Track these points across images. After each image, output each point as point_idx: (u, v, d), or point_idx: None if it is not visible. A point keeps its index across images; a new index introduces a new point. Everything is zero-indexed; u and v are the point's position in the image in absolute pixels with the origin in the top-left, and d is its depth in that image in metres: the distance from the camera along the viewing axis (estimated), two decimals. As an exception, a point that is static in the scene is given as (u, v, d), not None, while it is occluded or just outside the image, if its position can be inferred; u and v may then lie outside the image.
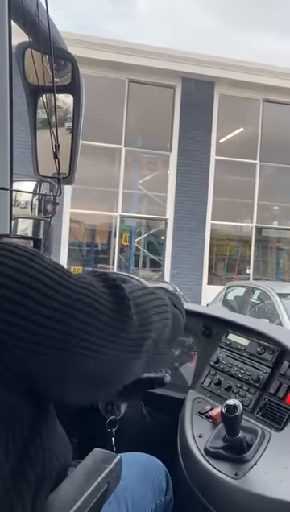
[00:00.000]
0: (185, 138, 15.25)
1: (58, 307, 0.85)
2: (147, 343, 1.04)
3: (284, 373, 1.61)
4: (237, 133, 16.13)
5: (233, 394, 1.69)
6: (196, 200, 15.38)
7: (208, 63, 14.63)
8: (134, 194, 15.84)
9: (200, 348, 1.97)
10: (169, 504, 1.47)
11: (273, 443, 1.41)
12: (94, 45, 13.94)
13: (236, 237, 17.01)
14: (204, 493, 1.38)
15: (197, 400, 1.74)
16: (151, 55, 14.29)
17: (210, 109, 15.43)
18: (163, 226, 15.63)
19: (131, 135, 15.32)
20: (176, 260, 15.34)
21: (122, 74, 14.82)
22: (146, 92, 15.17)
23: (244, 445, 1.38)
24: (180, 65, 14.56)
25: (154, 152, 15.82)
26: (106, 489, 1.06)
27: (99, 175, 15.68)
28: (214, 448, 1.41)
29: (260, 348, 1.73)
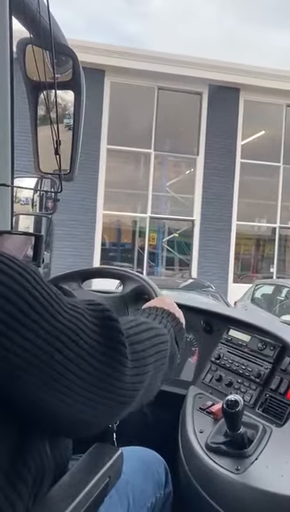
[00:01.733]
0: (212, 142, 15.19)
1: (41, 333, 0.76)
2: (140, 393, 0.94)
3: (285, 368, 1.56)
4: (261, 137, 16.01)
5: (234, 389, 1.63)
6: (222, 201, 15.31)
7: (233, 70, 14.60)
8: (162, 196, 15.78)
9: (202, 344, 1.90)
10: (169, 497, 1.42)
11: (274, 439, 1.36)
12: (125, 55, 14.02)
13: (260, 237, 16.88)
14: (205, 487, 1.33)
15: (198, 396, 1.68)
16: (179, 64, 14.27)
17: (235, 114, 15.35)
18: (191, 227, 15.54)
19: (160, 140, 15.29)
20: (203, 259, 15.27)
21: (151, 82, 14.79)
22: (174, 99, 15.14)
23: (245, 440, 1.32)
24: (207, 73, 14.50)
25: (182, 156, 15.78)
26: (107, 483, 1.02)
27: (130, 179, 15.77)
28: (215, 443, 1.36)
29: (261, 344, 1.67)
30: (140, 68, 14.13)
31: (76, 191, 13.88)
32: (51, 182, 1.73)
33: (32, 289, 0.76)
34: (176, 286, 10.02)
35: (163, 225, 15.93)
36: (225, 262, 15.49)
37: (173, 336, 1.14)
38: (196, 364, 1.87)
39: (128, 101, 14.84)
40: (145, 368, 0.94)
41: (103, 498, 1.03)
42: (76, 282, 1.68)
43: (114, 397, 0.87)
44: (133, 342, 0.91)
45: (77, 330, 0.81)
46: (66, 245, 13.83)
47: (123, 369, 0.86)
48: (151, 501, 1.31)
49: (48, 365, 0.76)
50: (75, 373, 0.79)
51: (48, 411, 0.81)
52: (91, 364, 0.81)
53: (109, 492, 1.07)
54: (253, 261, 16.75)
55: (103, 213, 14.86)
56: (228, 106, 15.13)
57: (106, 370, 0.84)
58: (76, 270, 1.70)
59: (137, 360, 0.91)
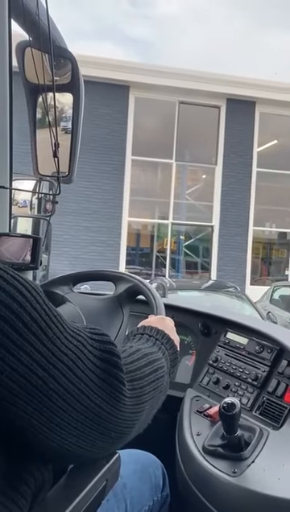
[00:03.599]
0: (229, 152, 15.14)
1: (36, 357, 0.67)
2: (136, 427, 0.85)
3: (283, 371, 1.46)
4: (275, 147, 15.92)
5: (231, 392, 1.54)
6: (240, 207, 15.24)
7: (249, 85, 14.59)
8: (183, 203, 15.71)
9: (199, 346, 1.79)
10: (166, 500, 1.34)
11: (271, 442, 1.28)
12: (149, 71, 14.03)
13: (275, 241, 16.66)
14: (202, 490, 1.24)
15: (196, 398, 1.58)
16: (198, 80, 14.27)
17: (252, 125, 15.29)
18: (210, 232, 15.44)
19: (181, 150, 15.26)
20: (222, 263, 15.19)
21: (173, 96, 14.77)
22: (194, 112, 15.11)
23: (242, 443, 1.24)
24: (225, 87, 14.51)
25: (201, 165, 15.72)
26: (105, 486, 0.97)
27: (152, 187, 15.76)
28: (212, 446, 1.27)
29: (259, 346, 1.57)
30: (163, 83, 14.15)
31: (104, 199, 13.93)
32: (49, 184, 1.62)
33: (31, 309, 0.68)
34: (198, 288, 9.87)
35: (184, 231, 15.84)
36: (243, 266, 15.40)
37: (169, 367, 1.04)
38: (194, 366, 1.76)
39: (151, 115, 14.89)
40: (142, 405, 0.86)
41: (100, 501, 0.97)
42: (68, 286, 1.57)
43: (109, 432, 0.79)
44: (132, 379, 0.83)
45: (76, 359, 0.73)
46: (93, 250, 13.89)
47: (120, 405, 0.79)
48: (149, 504, 1.24)
49: (42, 392, 0.68)
50: (69, 404, 0.71)
51: (38, 439, 0.72)
52: (88, 396, 0.73)
53: (106, 495, 1.00)
54: (269, 264, 16.55)
55: (128, 220, 14.81)
56: (244, 118, 15.13)
57: (103, 405, 0.76)
58: (67, 274, 1.59)
59: (135, 397, 0.83)
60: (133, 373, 0.84)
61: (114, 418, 0.78)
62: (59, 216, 13.48)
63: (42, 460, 0.81)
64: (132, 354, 0.89)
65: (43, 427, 0.70)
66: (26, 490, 0.76)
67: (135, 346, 0.95)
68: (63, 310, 1.42)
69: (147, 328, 1.10)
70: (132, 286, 1.50)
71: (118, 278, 1.55)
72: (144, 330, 1.10)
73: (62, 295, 1.52)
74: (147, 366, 0.90)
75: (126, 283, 1.52)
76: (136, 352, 0.91)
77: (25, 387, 0.66)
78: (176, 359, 1.11)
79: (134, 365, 0.86)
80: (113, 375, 0.77)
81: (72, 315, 1.40)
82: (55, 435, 0.72)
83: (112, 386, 0.77)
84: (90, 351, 0.76)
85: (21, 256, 1.54)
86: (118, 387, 0.78)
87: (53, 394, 0.69)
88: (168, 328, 1.15)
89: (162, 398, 0.99)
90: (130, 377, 0.83)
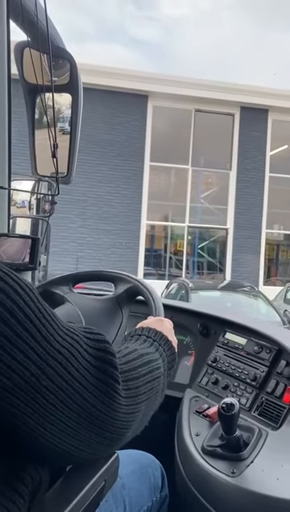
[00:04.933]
0: (243, 158, 15.07)
1: (30, 354, 0.64)
2: (132, 428, 0.80)
3: (281, 372, 1.40)
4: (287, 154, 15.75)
5: (230, 392, 1.48)
6: (253, 211, 15.15)
7: (262, 93, 14.54)
8: (199, 207, 15.65)
9: (198, 347, 1.71)
10: (165, 500, 1.29)
11: (270, 442, 1.22)
12: (166, 81, 14.02)
13: (285, 243, 16.49)
14: (201, 491, 1.19)
15: (195, 399, 1.52)
16: (213, 89, 14.25)
17: (265, 132, 15.21)
18: (225, 234, 15.34)
19: (197, 157, 15.22)
20: (236, 264, 15.12)
21: (189, 105, 14.73)
22: (209, 120, 15.05)
23: (241, 443, 1.19)
24: (239, 96, 14.47)
25: (216, 171, 15.62)
26: (103, 486, 0.93)
27: (169, 192, 15.74)
28: (211, 446, 1.21)
29: (257, 347, 1.51)
30: (179, 93, 14.14)
31: (123, 204, 13.94)
32: (48, 185, 1.54)
33: (25, 306, 0.65)
34: (215, 288, 9.92)
35: (200, 233, 15.75)
36: (256, 267, 15.30)
37: (166, 368, 0.98)
38: (193, 367, 1.68)
39: (168, 123, 14.86)
40: (138, 405, 0.81)
41: (99, 502, 0.93)
42: (68, 286, 1.49)
43: (104, 432, 0.74)
44: (127, 379, 0.79)
45: (70, 357, 0.69)
46: (113, 252, 13.91)
47: (115, 405, 0.74)
48: (148, 504, 1.19)
49: (34, 389, 0.65)
50: (63, 402, 0.68)
51: (32, 438, 0.68)
52: (81, 394, 0.69)
53: (105, 495, 0.96)
54: (282, 265, 16.35)
55: (146, 223, 14.77)
56: (258, 126, 15.06)
57: (97, 404, 0.71)
58: (67, 274, 1.52)
59: (130, 397, 0.78)
60: (128, 373, 0.79)
61: (109, 418, 0.73)
62: (80, 220, 13.52)
63: (38, 459, 0.76)
64: (128, 354, 0.85)
65: (37, 426, 0.66)
66: (24, 489, 0.72)
67: (132, 346, 0.91)
68: (62, 310, 1.37)
69: (144, 330, 1.05)
70: (132, 286, 1.43)
71: (118, 279, 1.48)
72: (142, 331, 1.04)
73: (62, 295, 1.45)
74: (142, 367, 0.85)
75: (126, 284, 1.45)
76: (132, 352, 0.87)
77: (18, 384, 0.63)
78: (173, 361, 1.05)
79: (129, 365, 0.81)
80: (108, 374, 0.73)
81: (71, 315, 1.34)
82: (49, 433, 0.68)
83: (107, 385, 0.72)
84: (85, 349, 0.72)
85: (20, 257, 1.47)
86: (112, 386, 0.73)
87: (46, 392, 0.65)
88: (167, 329, 1.09)
89: (159, 399, 0.93)
90: (125, 376, 0.78)
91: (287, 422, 1.28)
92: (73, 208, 13.50)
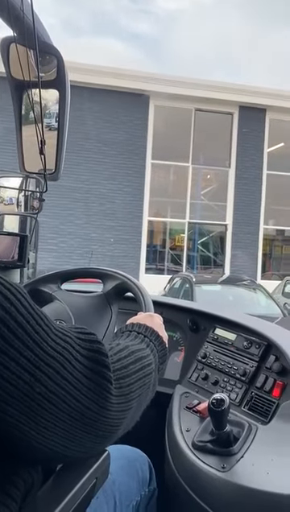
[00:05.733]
0: (242, 156, 15.02)
1: (22, 362, 0.61)
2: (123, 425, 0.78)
3: (270, 366, 1.37)
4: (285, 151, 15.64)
5: (220, 388, 1.44)
6: (252, 207, 15.10)
7: (260, 93, 14.47)
8: (199, 204, 15.60)
9: (188, 343, 1.67)
10: (153, 494, 1.26)
11: (260, 436, 1.19)
12: (168, 82, 13.94)
13: (284, 239, 16.42)
14: (191, 486, 1.15)
15: (185, 395, 1.47)
16: (213, 89, 14.18)
17: (262, 131, 15.13)
18: (224, 230, 15.27)
19: (197, 155, 15.15)
20: (234, 259, 15.10)
21: (189, 104, 14.66)
22: (209, 119, 14.98)
23: (231, 438, 1.16)
24: (237, 96, 14.40)
25: (216, 168, 15.56)
26: (94, 484, 0.91)
27: (170, 189, 15.69)
28: (202, 441, 1.18)
29: (247, 342, 1.47)
30: (180, 92, 14.08)
31: (126, 200, 13.91)
32: (36, 181, 1.48)
33: (17, 314, 0.62)
34: (215, 282, 9.93)
35: (200, 229, 15.69)
36: (254, 261, 15.24)
37: (157, 363, 0.95)
38: (183, 363, 1.64)
39: (169, 122, 14.79)
40: (129, 403, 0.79)
41: (90, 499, 0.91)
42: (56, 284, 1.44)
43: (96, 431, 0.73)
44: (120, 377, 0.76)
45: (63, 361, 0.66)
46: (117, 248, 13.89)
47: (107, 404, 0.72)
48: (137, 499, 1.17)
49: (28, 396, 0.62)
50: (56, 406, 0.65)
51: (25, 442, 0.66)
52: (74, 397, 0.67)
53: (96, 493, 0.94)
54: (279, 260, 16.30)
55: (148, 219, 14.72)
56: (256, 125, 14.98)
57: (90, 405, 0.69)
58: (55, 272, 1.47)
59: (122, 395, 0.76)
60: (120, 371, 0.77)
61: (101, 417, 0.71)
62: (85, 216, 13.50)
63: (30, 462, 0.74)
64: (119, 352, 0.82)
65: (30, 431, 0.64)
66: (16, 492, 0.70)
67: (123, 343, 0.88)
68: (51, 308, 1.33)
69: (135, 325, 1.02)
70: (120, 283, 1.39)
71: (106, 276, 1.43)
72: (132, 327, 1.01)
73: (50, 293, 1.41)
74: (134, 364, 0.82)
75: (114, 281, 1.40)
76: (124, 349, 0.84)
77: (11, 392, 0.61)
78: (164, 356, 1.02)
79: (121, 363, 0.79)
80: (101, 375, 0.71)
81: (60, 313, 1.30)
82: (42, 437, 0.66)
83: (100, 386, 0.71)
84: (78, 351, 0.69)
85: (8, 254, 1.42)
86: (105, 386, 0.71)
87: (40, 398, 0.63)
88: (157, 324, 1.06)
89: (150, 395, 0.91)
90: (117, 375, 0.76)
91: (277, 416, 1.25)
92: (79, 205, 13.50)
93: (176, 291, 9.40)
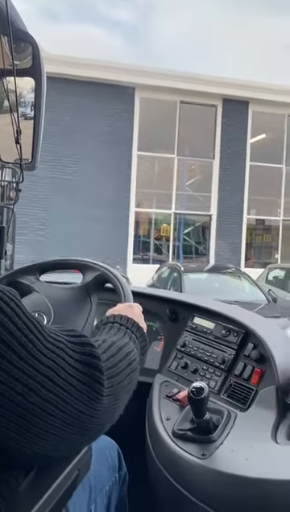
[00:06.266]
0: (225, 147, 14.96)
1: (15, 373, 0.60)
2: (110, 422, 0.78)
3: (249, 354, 1.35)
4: (267, 143, 15.68)
5: (199, 376, 1.42)
6: (235, 198, 15.05)
7: (243, 86, 14.39)
8: (184, 195, 15.56)
9: (167, 332, 1.65)
10: (125, 479, 1.28)
11: (238, 423, 1.19)
12: (153, 74, 13.81)
13: (267, 229, 16.47)
14: (172, 474, 1.15)
15: (165, 384, 1.45)
16: (197, 82, 14.08)
17: (245, 123, 15.08)
18: (208, 220, 15.26)
19: (182, 146, 15.04)
20: (219, 249, 15.10)
21: (174, 97, 14.55)
22: (193, 111, 14.87)
23: (211, 426, 1.15)
24: (221, 89, 14.32)
25: (200, 160, 15.50)
26: (77, 475, 0.91)
27: (156, 180, 15.61)
28: (182, 430, 1.17)
29: (225, 330, 1.45)
30: (165, 85, 13.95)
31: (113, 192, 13.82)
32: (12, 172, 1.43)
33: (11, 325, 0.60)
34: (201, 270, 10.02)
35: (185, 220, 15.68)
36: (238, 251, 15.25)
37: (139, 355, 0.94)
38: (162, 352, 1.62)
39: (155, 114, 14.69)
40: (119, 400, 0.78)
41: (72, 492, 0.91)
42: (34, 276, 1.40)
43: (87, 432, 0.72)
44: (110, 376, 0.75)
45: (57, 368, 0.65)
46: (105, 238, 13.81)
47: (98, 405, 0.71)
48: (109, 484, 1.19)
49: (21, 406, 0.61)
50: (50, 413, 0.64)
51: (15, 449, 0.65)
52: (67, 402, 0.66)
53: (78, 485, 0.95)
54: (261, 249, 16.36)
55: (135, 210, 14.67)
56: (239, 117, 14.92)
57: (82, 409, 0.68)
58: (34, 263, 1.42)
59: (113, 394, 0.75)
60: (110, 370, 0.76)
61: (92, 418, 0.70)
62: (72, 207, 13.38)
63: (18, 466, 0.74)
64: (108, 349, 0.80)
65: (21, 439, 0.63)
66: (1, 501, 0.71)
67: (109, 340, 0.85)
68: (29, 300, 1.30)
69: (116, 317, 0.99)
70: (100, 274, 1.35)
71: (85, 267, 1.39)
72: (114, 318, 0.99)
73: (28, 284, 1.36)
74: (122, 361, 0.81)
75: (94, 272, 1.36)
76: (111, 346, 0.82)
77: (4, 404, 0.60)
78: (145, 347, 1.01)
79: (111, 362, 0.78)
80: (94, 378, 0.70)
81: (38, 305, 1.27)
82: (34, 443, 0.65)
83: (93, 389, 0.70)
84: (70, 355, 0.68)
85: (-14, 247, 1.36)
86: (98, 389, 0.71)
87: (33, 407, 0.62)
88: (137, 315, 1.04)
89: (133, 388, 0.89)
90: (108, 374, 0.75)
91: (255, 403, 1.24)
92: (66, 196, 13.38)
93: (164, 281, 9.45)
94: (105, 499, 1.16)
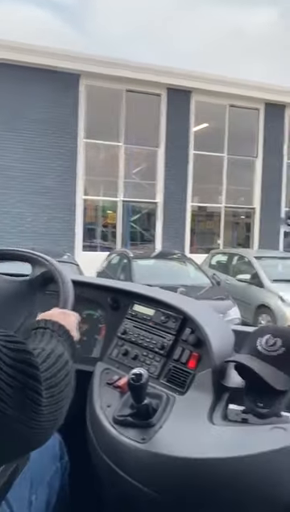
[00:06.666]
0: (170, 136, 14.95)
1: None
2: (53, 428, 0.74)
3: (186, 339, 1.36)
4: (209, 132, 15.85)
5: (139, 362, 1.42)
6: (179, 186, 15.12)
7: (186, 76, 14.43)
8: (131, 182, 15.44)
9: (108, 320, 1.63)
10: (66, 467, 1.28)
11: (177, 407, 1.20)
12: (98, 62, 13.62)
13: (209, 216, 16.68)
14: (113, 459, 1.15)
15: (106, 371, 1.44)
16: (142, 71, 14.00)
17: (188, 112, 15.11)
18: (154, 208, 15.34)
19: (129, 134, 14.89)
20: (165, 235, 15.20)
21: (120, 85, 14.41)
22: (139, 100, 14.77)
23: (150, 411, 1.15)
24: (165, 78, 14.30)
25: (146, 148, 15.40)
26: (15, 469, 0.90)
27: (103, 168, 15.43)
28: (122, 416, 1.17)
29: (164, 317, 1.46)
30: (110, 73, 13.80)
31: (60, 179, 13.62)
32: None
33: None
34: (148, 256, 10.16)
35: (132, 207, 15.63)
36: (183, 237, 15.41)
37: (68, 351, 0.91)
38: (104, 340, 1.60)
39: (101, 102, 14.51)
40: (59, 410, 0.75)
41: (11, 484, 0.90)
42: None
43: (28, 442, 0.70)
44: (50, 386, 0.72)
45: None
46: (52, 226, 13.65)
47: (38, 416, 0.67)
48: (50, 474, 1.19)
49: None
50: None
51: None
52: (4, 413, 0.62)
53: (17, 478, 0.94)
54: (204, 235, 16.59)
55: (82, 198, 14.51)
56: (182, 106, 14.95)
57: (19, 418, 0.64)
58: None
59: (53, 404, 0.72)
60: (49, 380, 0.73)
61: (33, 429, 0.67)
62: (19, 195, 13.08)
63: None
64: (47, 358, 0.78)
65: None
66: None
67: (48, 348, 0.82)
68: None
69: (48, 322, 0.96)
70: (47, 271, 1.31)
71: (35, 261, 1.35)
72: (46, 324, 0.96)
73: None
74: (61, 371, 0.79)
75: (42, 267, 1.33)
76: (50, 354, 0.79)
77: None
78: (73, 356, 0.97)
79: (50, 372, 0.75)
80: (29, 386, 0.66)
81: None
82: None
83: (29, 398, 0.66)
84: (6, 362, 0.63)
85: None
86: (36, 399, 0.67)
87: None
88: (70, 323, 1.02)
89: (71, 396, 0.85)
90: (47, 384, 0.71)
91: (193, 386, 1.26)
92: (13, 184, 13.05)
93: (114, 267, 9.53)
94: (47, 489, 1.15)
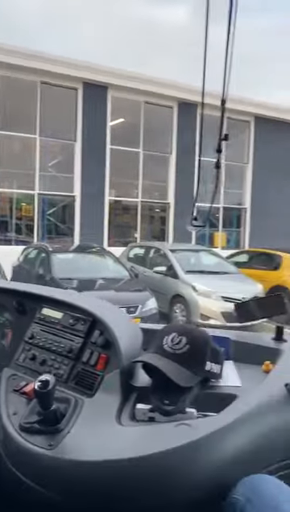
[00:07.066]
0: (86, 130, 14.74)
1: None
2: None
3: (95, 341, 1.33)
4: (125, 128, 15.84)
5: (48, 367, 1.37)
6: (97, 179, 14.97)
7: (102, 72, 14.23)
8: (48, 176, 15.04)
9: (15, 325, 1.57)
10: None
11: (85, 410, 1.17)
12: (11, 52, 13.04)
13: (126, 209, 16.70)
14: (20, 468, 1.10)
15: (12, 377, 1.38)
16: (57, 63, 13.62)
17: (105, 107, 14.96)
18: (72, 201, 15.06)
19: (44, 127, 14.43)
20: (83, 229, 14.97)
21: (34, 77, 13.92)
22: (54, 93, 14.34)
23: (58, 416, 1.11)
24: (81, 72, 14.04)
25: (63, 141, 15.06)
26: None
27: (19, 161, 14.93)
28: (28, 423, 1.12)
29: (73, 319, 1.42)
30: (25, 64, 13.29)
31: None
32: None
33: None
34: (67, 250, 10.00)
35: (49, 200, 15.24)
36: (101, 230, 15.30)
37: None
38: (10, 345, 1.53)
39: (15, 93, 13.92)
40: None
41: None
42: None
43: None
44: None
45: None
46: None
47: None
48: None
49: None
50: None
51: None
52: None
53: None
54: (122, 229, 16.53)
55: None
56: (99, 101, 14.77)
57: None
58: None
59: None
60: None
61: None
62: None
63: None
64: None
65: None
66: None
67: None
68: None
69: None
70: None
71: None
72: None
73: None
74: None
75: None
76: None
77: None
78: None
79: None
80: None
81: None
82: None
83: None
84: None
85: None
86: None
87: None
88: None
89: None
90: None
91: (101, 388, 1.24)
92: None
93: (31, 261, 9.30)
94: None
